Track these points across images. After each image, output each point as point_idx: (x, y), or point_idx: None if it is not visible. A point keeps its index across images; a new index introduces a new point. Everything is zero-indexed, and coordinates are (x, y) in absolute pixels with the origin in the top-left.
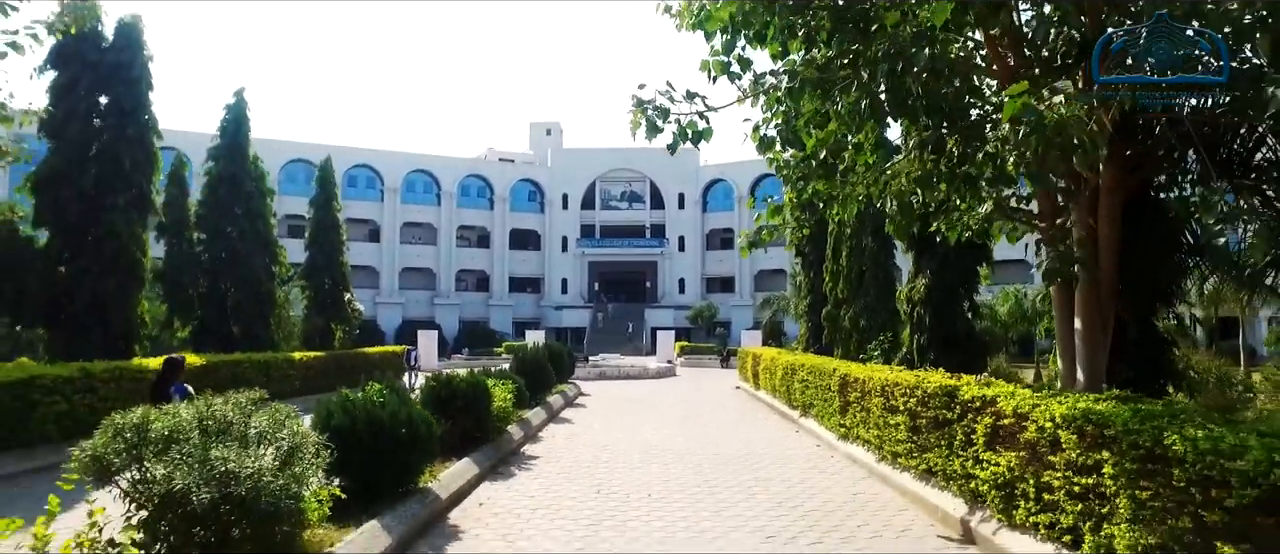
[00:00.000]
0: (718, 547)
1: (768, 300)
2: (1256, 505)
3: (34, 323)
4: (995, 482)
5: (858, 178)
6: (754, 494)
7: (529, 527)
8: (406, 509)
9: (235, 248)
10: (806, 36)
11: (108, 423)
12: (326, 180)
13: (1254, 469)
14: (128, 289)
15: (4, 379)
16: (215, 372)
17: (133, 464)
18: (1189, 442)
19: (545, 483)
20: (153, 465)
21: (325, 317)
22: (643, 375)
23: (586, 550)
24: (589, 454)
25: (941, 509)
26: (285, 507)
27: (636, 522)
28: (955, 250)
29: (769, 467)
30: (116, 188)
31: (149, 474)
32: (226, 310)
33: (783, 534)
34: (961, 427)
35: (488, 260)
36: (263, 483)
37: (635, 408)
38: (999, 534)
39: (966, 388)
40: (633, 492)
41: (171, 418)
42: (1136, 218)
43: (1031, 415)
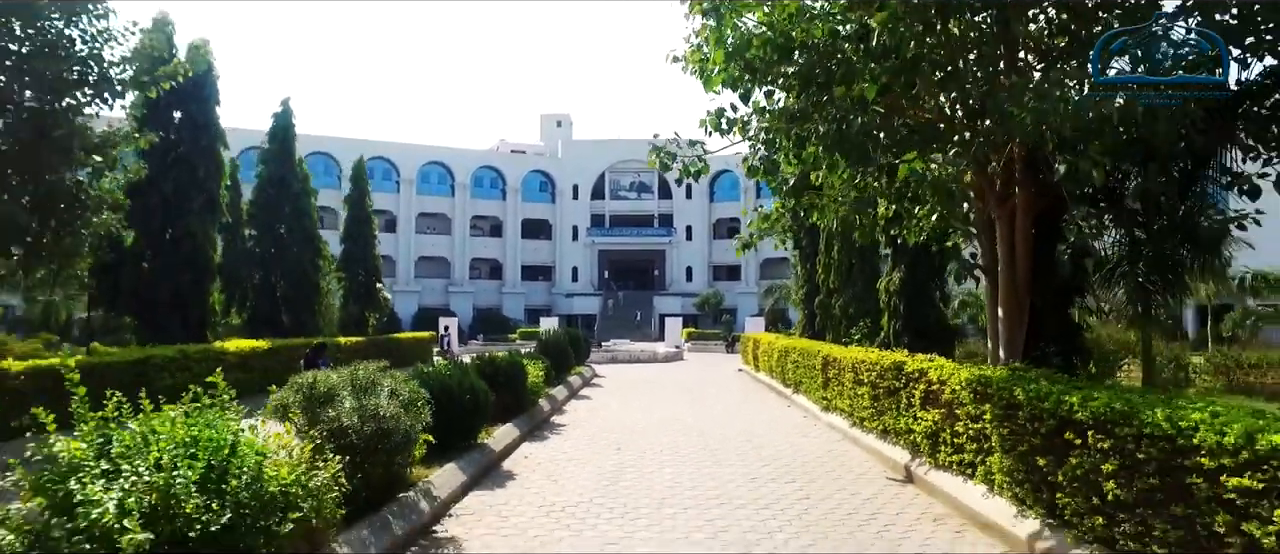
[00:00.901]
0: (715, 486)
1: (770, 289)
2: (1056, 432)
3: (124, 312)
4: (926, 433)
5: (831, 193)
6: (747, 453)
7: (565, 473)
8: (471, 457)
9: (284, 243)
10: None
11: (292, 380)
12: (359, 179)
13: (1054, 407)
14: (202, 282)
15: (127, 358)
16: (278, 354)
17: (306, 406)
18: (1026, 393)
19: (574, 443)
20: (324, 409)
21: (360, 305)
22: (652, 359)
23: (611, 491)
24: (608, 423)
25: (892, 459)
26: (410, 439)
27: (651, 471)
28: (925, 250)
29: (762, 434)
30: (191, 194)
31: (322, 415)
32: (277, 300)
33: (767, 479)
34: (905, 393)
35: (500, 249)
36: (396, 422)
37: (646, 387)
38: (929, 474)
39: (910, 363)
40: (647, 450)
41: (328, 379)
42: (1048, 231)
43: (948, 382)
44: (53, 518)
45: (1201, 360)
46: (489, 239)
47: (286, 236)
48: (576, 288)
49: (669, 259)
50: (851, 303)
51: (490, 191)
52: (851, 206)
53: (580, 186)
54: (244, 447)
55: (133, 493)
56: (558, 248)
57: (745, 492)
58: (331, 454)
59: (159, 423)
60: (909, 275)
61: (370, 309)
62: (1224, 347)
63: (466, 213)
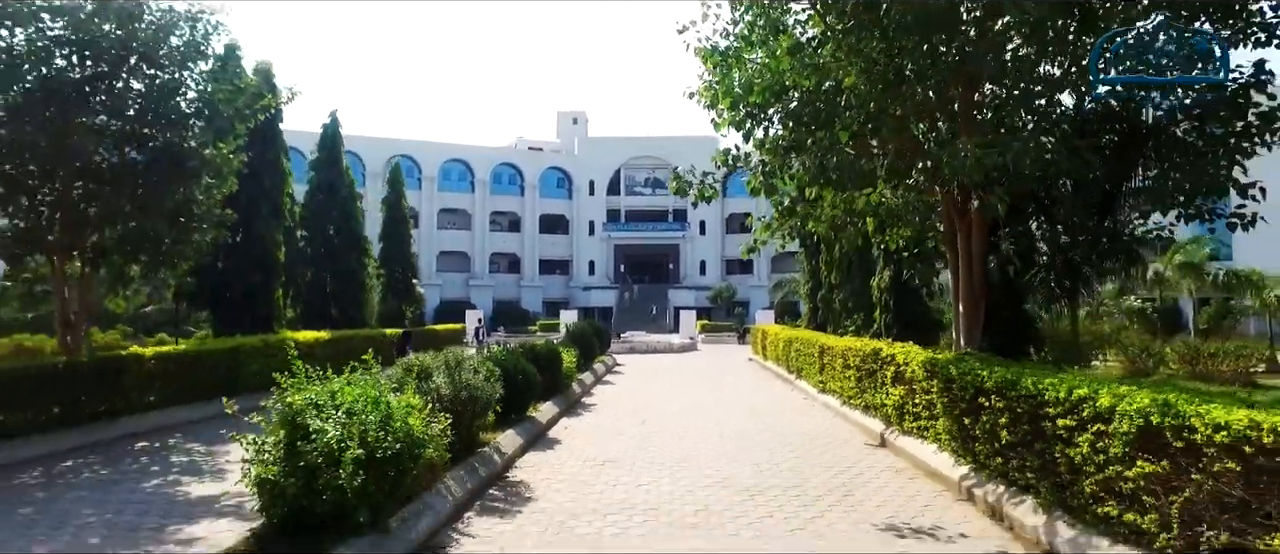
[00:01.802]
0: (724, 449)
1: (780, 283)
2: (974, 398)
3: (201, 307)
4: (895, 405)
5: (822, 207)
6: (752, 426)
7: (600, 439)
8: (525, 426)
9: (333, 244)
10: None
11: (399, 362)
12: (396, 182)
13: (973, 380)
14: (269, 281)
15: (224, 346)
16: (337, 343)
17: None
18: (958, 370)
19: (605, 417)
20: (426, 381)
21: (398, 299)
22: (668, 350)
23: (640, 451)
24: (632, 403)
25: (871, 428)
26: (489, 406)
27: (671, 438)
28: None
29: (766, 411)
30: (260, 202)
31: (425, 386)
32: (326, 295)
33: (766, 445)
34: (880, 374)
35: (519, 244)
36: (480, 392)
37: (664, 374)
38: (897, 439)
39: (885, 349)
40: (667, 423)
41: (423, 360)
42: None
43: (910, 364)
44: (296, 441)
45: (1169, 350)
46: (508, 234)
47: (335, 238)
48: (593, 281)
49: (683, 253)
50: (850, 297)
51: (509, 188)
52: (836, 219)
53: (596, 182)
54: (395, 403)
55: (340, 427)
56: (575, 242)
57: (748, 453)
58: (438, 413)
59: (339, 386)
60: (897, 274)
61: (407, 303)
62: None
63: (486, 208)
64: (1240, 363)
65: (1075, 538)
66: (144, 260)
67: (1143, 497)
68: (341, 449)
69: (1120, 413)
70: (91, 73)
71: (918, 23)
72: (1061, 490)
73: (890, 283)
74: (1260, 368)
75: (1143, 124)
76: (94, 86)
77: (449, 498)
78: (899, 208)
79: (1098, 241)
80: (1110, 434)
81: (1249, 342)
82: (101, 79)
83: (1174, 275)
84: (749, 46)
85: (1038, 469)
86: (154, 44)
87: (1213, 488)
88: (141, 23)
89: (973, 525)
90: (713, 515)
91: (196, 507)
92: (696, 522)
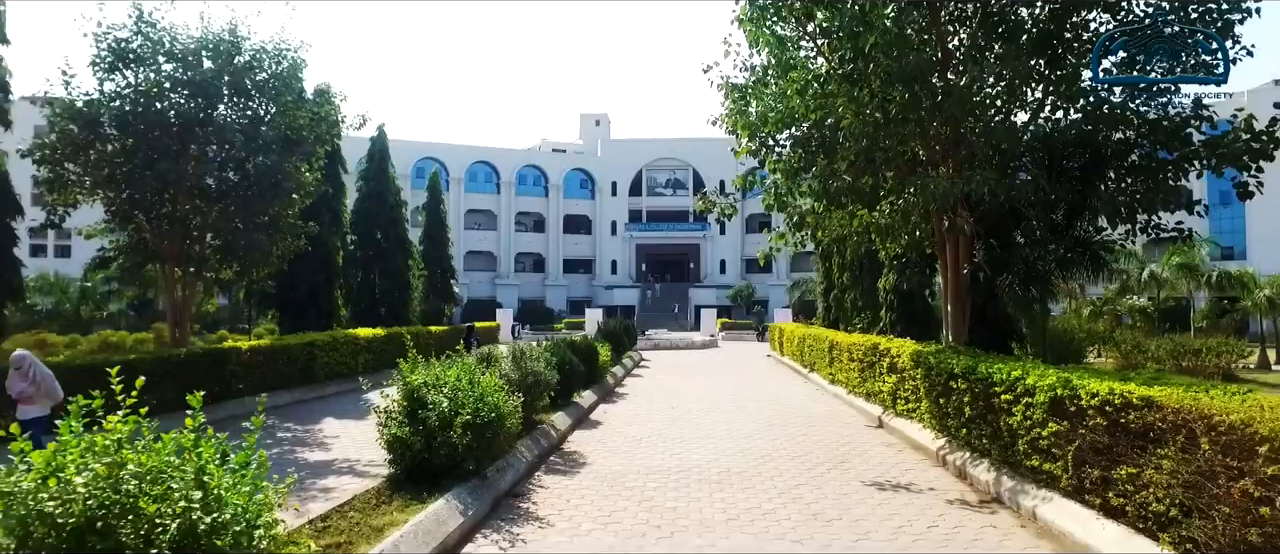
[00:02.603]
0: (744, 427)
1: (797, 283)
2: (947, 382)
3: (268, 307)
4: (890, 392)
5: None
6: (768, 411)
7: (636, 420)
8: (571, 410)
9: (381, 247)
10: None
11: (477, 352)
12: (435, 187)
13: (946, 367)
14: (330, 283)
15: (302, 340)
16: (391, 339)
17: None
18: (936, 360)
19: (638, 404)
20: (495, 367)
21: (438, 299)
22: (690, 346)
23: (670, 429)
24: (661, 392)
25: (871, 412)
26: (549, 388)
27: (698, 420)
28: (907, 259)
29: (781, 400)
30: (322, 210)
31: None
32: (376, 296)
33: (781, 425)
34: (878, 365)
35: (543, 244)
36: (543, 376)
37: (688, 368)
38: (892, 420)
39: (882, 343)
40: (693, 408)
41: (494, 352)
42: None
43: (901, 356)
44: (417, 410)
45: (1155, 346)
46: (532, 234)
47: (382, 242)
48: (616, 280)
49: (703, 253)
50: (860, 297)
51: (533, 189)
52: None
53: (619, 183)
54: (485, 383)
55: (449, 400)
56: (598, 242)
57: (765, 431)
58: (512, 393)
59: (441, 369)
60: (902, 276)
61: (446, 302)
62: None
63: (511, 209)
64: (1222, 359)
65: (1013, 486)
66: (237, 267)
67: (1052, 449)
68: (453, 416)
69: (1038, 388)
70: (198, 107)
71: (899, 75)
72: (1005, 450)
73: (895, 285)
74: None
75: (1105, 148)
76: (200, 119)
77: (524, 460)
78: (892, 223)
79: (1063, 251)
80: (1033, 404)
81: (1231, 341)
82: (207, 112)
83: (1172, 276)
84: (763, 84)
85: (989, 436)
86: (248, 78)
87: (1091, 438)
88: (239, 56)
89: (942, 482)
90: (732, 476)
91: (318, 468)
92: (719, 480)
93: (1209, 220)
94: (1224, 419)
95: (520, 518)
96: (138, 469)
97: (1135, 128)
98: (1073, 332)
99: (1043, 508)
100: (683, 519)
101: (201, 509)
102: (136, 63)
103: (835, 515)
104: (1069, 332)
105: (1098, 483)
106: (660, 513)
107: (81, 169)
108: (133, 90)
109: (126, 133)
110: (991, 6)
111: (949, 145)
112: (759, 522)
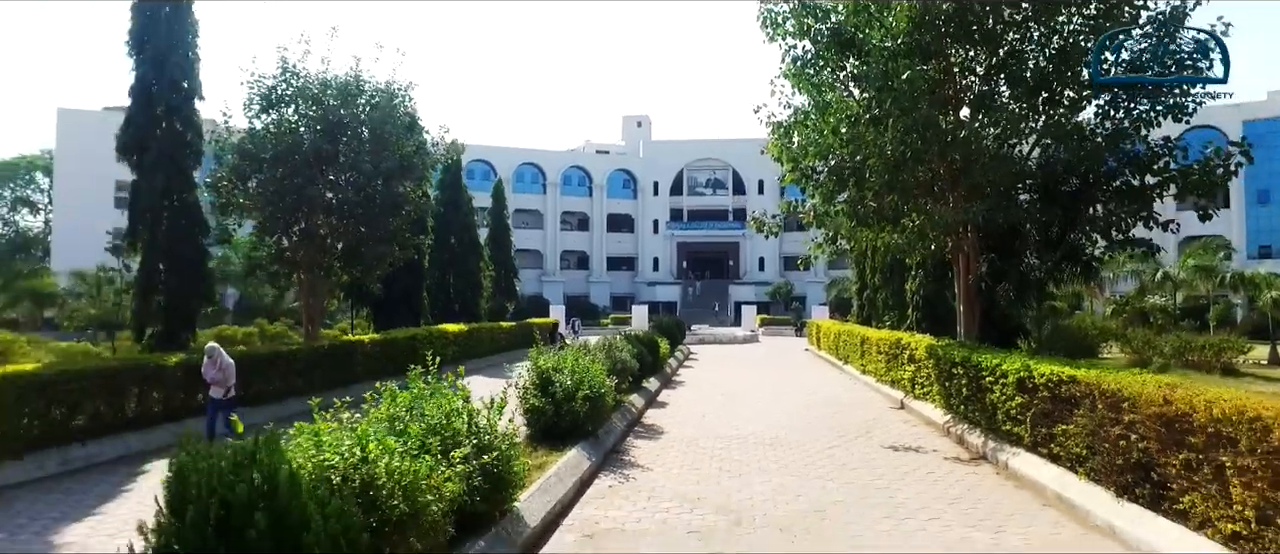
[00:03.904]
0: (785, 407)
1: (834, 281)
2: (950, 368)
3: (364, 304)
4: (910, 379)
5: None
6: (807, 396)
7: (697, 402)
8: (643, 392)
9: (456, 252)
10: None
11: (580, 341)
12: (499, 194)
13: (950, 357)
14: (419, 284)
15: (407, 334)
16: (472, 333)
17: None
18: (944, 352)
19: (695, 390)
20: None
21: (502, 297)
22: (733, 341)
23: (727, 408)
24: (713, 380)
25: (894, 397)
26: (630, 372)
27: (748, 403)
28: (931, 265)
29: (819, 388)
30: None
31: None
32: (451, 295)
33: (816, 405)
34: (900, 356)
35: (588, 242)
36: (628, 362)
37: (733, 361)
38: (911, 403)
39: (904, 338)
40: (739, 392)
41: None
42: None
43: (918, 348)
44: (546, 385)
45: (1164, 342)
46: (577, 233)
47: (457, 246)
48: (657, 277)
49: (743, 250)
50: (890, 297)
51: (578, 189)
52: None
53: (660, 183)
54: (592, 367)
55: (572, 378)
56: (640, 240)
57: (805, 410)
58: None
59: (566, 355)
60: (927, 278)
61: (509, 300)
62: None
63: (557, 209)
64: (1224, 355)
65: (993, 446)
66: (358, 272)
67: (1019, 416)
68: (576, 390)
69: (1009, 371)
70: (329, 139)
71: (913, 126)
72: (989, 419)
73: (920, 285)
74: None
75: (1092, 176)
76: (331, 151)
77: (618, 428)
78: (911, 239)
79: (1054, 263)
80: (1007, 383)
81: (1231, 338)
82: (335, 144)
83: (1189, 276)
84: (805, 123)
85: (979, 410)
86: (368, 115)
87: (1041, 406)
88: (361, 97)
89: (944, 447)
90: (780, 441)
91: None
92: (771, 442)
93: (1247, 221)
94: (1109, 389)
95: (625, 466)
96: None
97: (1119, 159)
98: (1086, 329)
99: (1012, 460)
100: (745, 467)
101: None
102: (280, 104)
103: (858, 465)
104: (1083, 329)
105: (1044, 438)
106: (728, 463)
107: (242, 195)
108: (278, 127)
109: (276, 164)
110: (997, 58)
111: (956, 177)
112: (802, 469)
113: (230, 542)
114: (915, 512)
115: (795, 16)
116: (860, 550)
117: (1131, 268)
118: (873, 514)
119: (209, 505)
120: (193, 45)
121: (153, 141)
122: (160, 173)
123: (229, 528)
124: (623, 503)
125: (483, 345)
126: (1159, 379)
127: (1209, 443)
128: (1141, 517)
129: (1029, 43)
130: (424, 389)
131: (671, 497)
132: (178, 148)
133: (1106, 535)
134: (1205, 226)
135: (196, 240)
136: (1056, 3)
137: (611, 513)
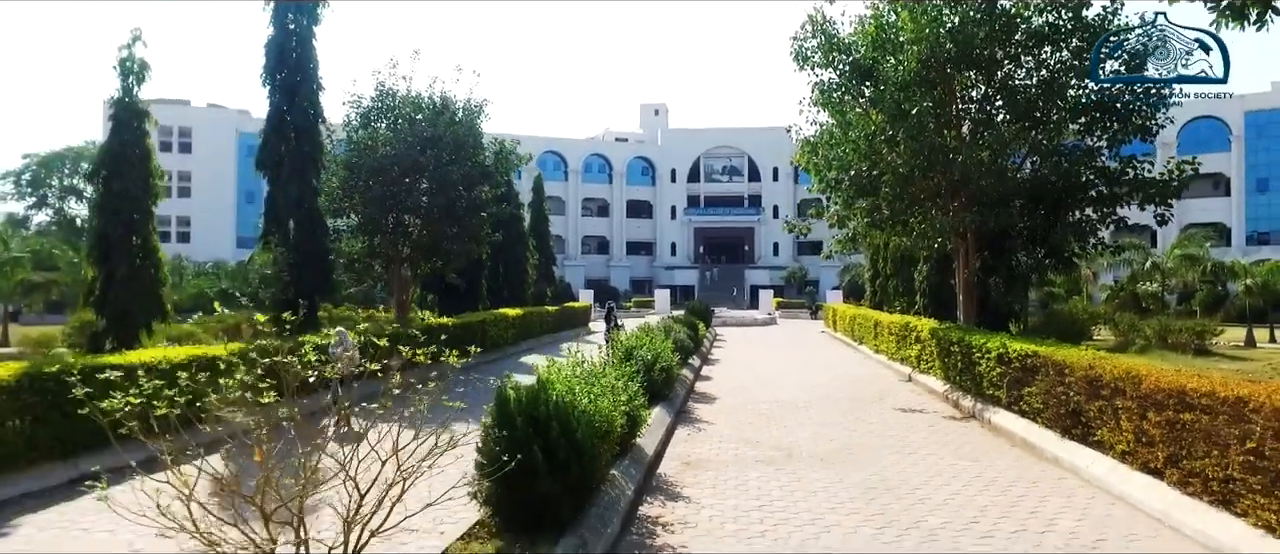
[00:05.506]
0: (812, 380)
1: (847, 267)
2: (948, 346)
3: (429, 290)
4: (916, 356)
5: (874, 236)
6: (825, 370)
7: (734, 376)
8: (689, 368)
9: (505, 244)
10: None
11: (644, 324)
12: (539, 186)
13: (947, 336)
14: (479, 272)
15: (477, 318)
16: (527, 317)
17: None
18: (942, 332)
19: (729, 367)
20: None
21: (543, 283)
22: (752, 324)
23: (762, 382)
24: (742, 358)
25: (903, 372)
26: (690, 349)
27: (776, 377)
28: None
29: (834, 364)
30: None
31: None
32: (499, 281)
33: (834, 380)
34: (908, 337)
35: (608, 227)
36: (686, 342)
37: (756, 341)
38: (917, 376)
39: (912, 321)
40: (770, 369)
41: (650, 326)
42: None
43: (923, 331)
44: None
45: (1146, 326)
46: (597, 218)
47: (504, 237)
48: (675, 261)
49: (758, 236)
50: (900, 283)
51: (598, 176)
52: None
53: (677, 170)
54: (662, 346)
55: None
56: (658, 225)
57: (827, 382)
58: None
59: (639, 333)
60: (933, 267)
61: (550, 285)
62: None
63: (578, 195)
64: (1200, 337)
65: (980, 407)
66: (439, 265)
67: (998, 382)
68: (654, 362)
69: (991, 348)
70: (418, 151)
71: (919, 149)
72: (978, 386)
73: (928, 273)
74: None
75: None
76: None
77: (680, 395)
78: (917, 240)
79: (1038, 259)
80: (990, 358)
81: (1206, 322)
82: (426, 154)
83: (1176, 265)
84: (831, 138)
85: (971, 380)
86: (454, 130)
87: (1013, 374)
88: (445, 114)
89: (942, 410)
90: (809, 404)
91: None
92: (805, 404)
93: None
94: (1057, 360)
95: (694, 421)
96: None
97: (1093, 172)
98: (1077, 315)
99: (993, 417)
100: (787, 421)
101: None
102: (376, 120)
103: (875, 421)
104: (1074, 314)
105: (1016, 399)
106: (770, 418)
107: (348, 201)
108: (373, 140)
109: (375, 174)
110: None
111: (956, 188)
112: (826, 424)
113: (539, 436)
114: (918, 449)
115: (822, 51)
116: (881, 470)
117: (1126, 256)
118: (888, 451)
119: (522, 418)
120: (315, 76)
121: (285, 159)
122: (293, 185)
123: (536, 430)
124: (702, 444)
125: (534, 327)
126: (1091, 353)
127: (1113, 393)
128: (1075, 449)
129: (1020, 72)
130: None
131: (736, 440)
132: (306, 164)
133: (1052, 463)
134: (1209, 214)
135: (321, 240)
136: (1043, 38)
137: (695, 451)
